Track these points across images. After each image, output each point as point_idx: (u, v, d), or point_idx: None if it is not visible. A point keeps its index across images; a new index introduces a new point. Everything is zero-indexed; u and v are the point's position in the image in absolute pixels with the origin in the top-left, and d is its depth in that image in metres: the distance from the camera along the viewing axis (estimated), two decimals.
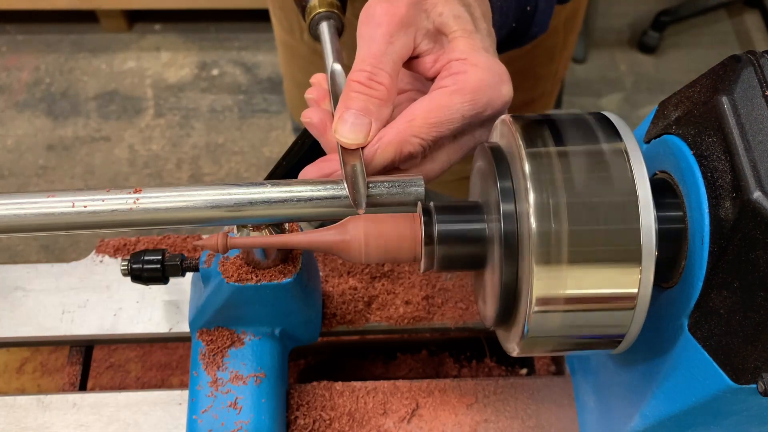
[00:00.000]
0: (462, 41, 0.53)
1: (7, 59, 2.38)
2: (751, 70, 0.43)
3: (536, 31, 0.65)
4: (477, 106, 0.52)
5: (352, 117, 0.51)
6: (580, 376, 0.68)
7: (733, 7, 2.56)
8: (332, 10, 0.62)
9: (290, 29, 1.01)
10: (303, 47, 1.02)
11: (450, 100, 0.51)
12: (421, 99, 0.52)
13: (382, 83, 0.51)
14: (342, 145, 0.52)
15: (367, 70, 0.51)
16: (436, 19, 0.54)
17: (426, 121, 0.51)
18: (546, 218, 0.43)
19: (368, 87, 0.51)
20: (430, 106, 0.51)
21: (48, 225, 0.49)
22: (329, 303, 0.75)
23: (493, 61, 0.53)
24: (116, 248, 0.80)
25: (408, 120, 0.51)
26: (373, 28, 0.52)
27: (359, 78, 0.51)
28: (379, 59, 0.51)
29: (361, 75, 0.51)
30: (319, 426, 0.68)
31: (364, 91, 0.51)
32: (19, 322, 0.75)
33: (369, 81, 0.51)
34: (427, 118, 0.51)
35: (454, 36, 0.54)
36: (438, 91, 0.52)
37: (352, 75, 0.52)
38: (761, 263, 0.39)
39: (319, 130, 0.55)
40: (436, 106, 0.51)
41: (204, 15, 2.44)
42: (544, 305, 0.44)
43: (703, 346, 0.44)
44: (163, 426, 0.69)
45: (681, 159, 0.46)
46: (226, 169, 2.14)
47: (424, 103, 0.51)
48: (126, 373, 0.89)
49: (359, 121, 0.51)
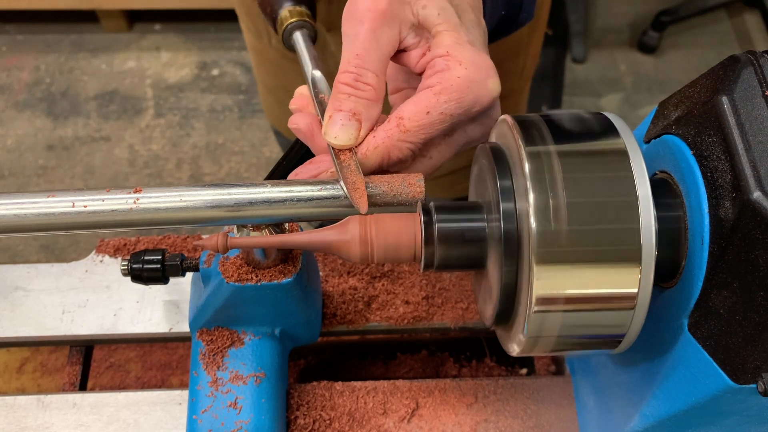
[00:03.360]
0: (446, 35, 0.52)
1: (7, 59, 2.38)
2: (751, 70, 0.43)
3: (524, 17, 0.65)
4: (464, 104, 0.51)
5: (341, 118, 0.51)
6: (580, 376, 0.68)
7: (733, 7, 2.56)
8: (304, 19, 0.62)
9: (258, 35, 1.01)
10: (272, 52, 1.02)
11: (437, 101, 0.50)
12: (408, 100, 0.52)
13: (369, 83, 0.51)
14: (333, 147, 0.52)
15: (353, 71, 0.51)
16: (419, 12, 0.53)
17: (414, 123, 0.50)
18: (546, 218, 0.43)
19: (355, 88, 0.51)
20: (417, 108, 0.50)
21: (48, 225, 0.49)
22: (329, 303, 0.75)
23: (478, 56, 0.52)
24: (116, 248, 0.80)
25: (396, 123, 0.51)
26: (355, 25, 0.52)
27: (346, 80, 0.51)
28: (364, 59, 0.51)
29: (347, 77, 0.51)
30: (319, 426, 0.68)
31: (352, 93, 0.51)
32: (19, 322, 0.76)
33: (356, 82, 0.51)
34: (415, 120, 0.50)
35: (438, 30, 0.53)
36: (424, 91, 0.51)
37: (339, 77, 0.52)
38: (761, 263, 0.39)
39: (307, 135, 0.55)
40: (423, 108, 0.50)
41: (204, 15, 2.44)
42: (544, 305, 0.44)
43: (703, 346, 0.44)
44: (163, 426, 0.69)
45: (681, 159, 0.46)
46: (226, 169, 2.14)
47: (411, 105, 0.51)
48: (126, 373, 0.89)
49: (349, 123, 0.51)
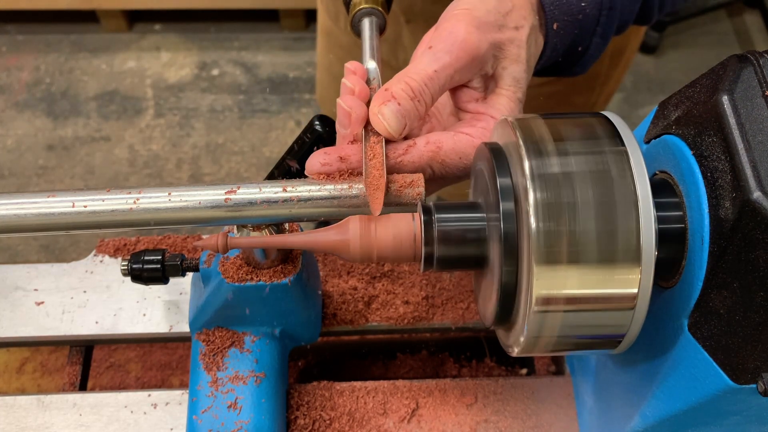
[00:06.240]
0: (505, 102, 0.56)
1: (7, 59, 2.38)
2: (751, 70, 0.43)
3: (577, 71, 0.67)
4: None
5: (396, 107, 0.51)
6: (580, 376, 0.68)
7: (733, 7, 2.56)
8: (376, 7, 0.62)
9: (336, 17, 1.02)
10: (345, 37, 1.02)
11: (470, 153, 0.54)
12: (448, 135, 0.54)
13: (426, 102, 0.53)
14: (376, 127, 0.52)
15: (421, 84, 0.52)
16: (498, 70, 0.56)
17: (449, 160, 0.54)
18: (546, 218, 0.43)
19: (415, 98, 0.52)
20: (456, 148, 0.54)
21: (48, 225, 0.49)
22: (329, 303, 0.75)
23: None
24: (116, 248, 0.80)
25: (434, 148, 0.53)
26: (445, 50, 0.53)
27: (414, 85, 0.52)
28: (434, 82, 0.53)
29: (416, 84, 0.52)
30: (319, 426, 0.68)
31: (412, 97, 0.52)
32: (19, 322, 0.76)
33: (420, 94, 0.52)
34: (450, 158, 0.54)
35: (502, 93, 0.56)
36: (465, 137, 0.54)
37: (409, 77, 0.52)
38: (761, 263, 0.39)
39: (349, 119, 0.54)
40: (461, 150, 0.54)
41: (204, 15, 2.44)
42: (544, 305, 0.44)
43: (703, 346, 0.44)
44: (163, 426, 0.69)
45: (681, 159, 0.46)
46: (226, 169, 2.14)
47: (451, 142, 0.54)
48: (126, 373, 0.89)
49: (401, 115, 0.52)
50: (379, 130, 0.52)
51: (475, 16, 0.54)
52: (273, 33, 2.45)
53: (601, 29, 0.62)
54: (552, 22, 0.59)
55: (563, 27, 0.59)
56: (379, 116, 0.51)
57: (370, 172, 0.50)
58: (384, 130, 0.52)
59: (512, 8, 0.56)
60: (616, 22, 0.63)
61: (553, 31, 0.59)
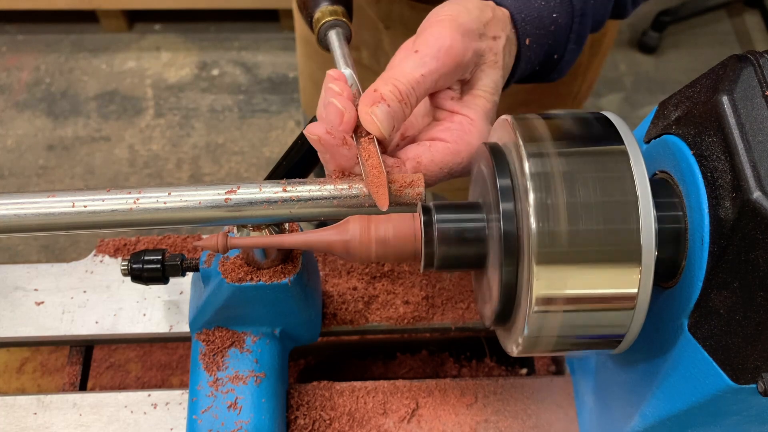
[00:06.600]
0: (482, 103, 0.57)
1: (7, 59, 2.38)
2: (751, 70, 0.43)
3: (555, 77, 0.67)
4: (464, 163, 0.56)
5: (386, 108, 0.52)
6: (580, 376, 0.68)
7: (733, 7, 2.56)
8: (339, 19, 0.63)
9: None
10: None
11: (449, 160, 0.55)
12: (426, 146, 0.55)
13: (411, 105, 0.53)
14: (368, 127, 0.52)
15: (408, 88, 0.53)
16: (477, 73, 0.57)
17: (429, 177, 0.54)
18: (546, 218, 0.43)
19: (403, 100, 0.52)
20: (434, 159, 0.55)
21: (48, 225, 0.49)
22: (329, 303, 0.75)
23: (488, 127, 0.57)
24: (116, 248, 0.80)
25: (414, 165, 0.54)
26: (432, 55, 0.53)
27: (402, 88, 0.53)
28: (420, 85, 0.53)
29: (404, 87, 0.53)
30: (319, 426, 0.68)
31: (400, 100, 0.52)
32: (19, 322, 0.75)
33: (406, 96, 0.53)
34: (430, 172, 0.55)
35: (479, 94, 0.57)
36: (441, 144, 0.55)
37: (397, 80, 0.53)
38: (761, 263, 0.39)
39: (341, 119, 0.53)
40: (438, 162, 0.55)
41: (204, 15, 2.44)
42: (544, 305, 0.44)
43: (703, 346, 0.44)
44: (163, 426, 0.69)
45: (681, 159, 0.46)
46: (226, 169, 2.14)
47: (429, 154, 0.55)
48: (126, 373, 0.90)
49: (391, 117, 0.52)
50: (371, 129, 0.52)
51: (460, 23, 0.54)
52: (273, 33, 2.45)
53: (575, 35, 0.63)
54: (525, 37, 0.60)
55: (536, 40, 0.60)
56: (372, 116, 0.52)
57: (370, 171, 0.50)
58: (377, 130, 0.52)
59: (492, 18, 0.57)
60: (590, 25, 0.63)
61: (525, 46, 0.60)
